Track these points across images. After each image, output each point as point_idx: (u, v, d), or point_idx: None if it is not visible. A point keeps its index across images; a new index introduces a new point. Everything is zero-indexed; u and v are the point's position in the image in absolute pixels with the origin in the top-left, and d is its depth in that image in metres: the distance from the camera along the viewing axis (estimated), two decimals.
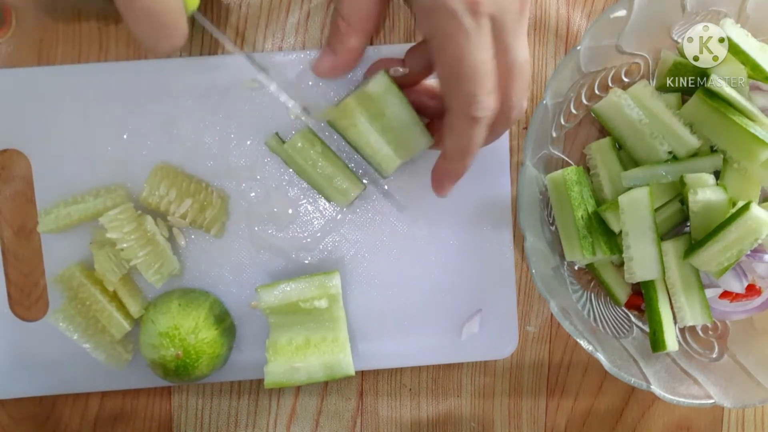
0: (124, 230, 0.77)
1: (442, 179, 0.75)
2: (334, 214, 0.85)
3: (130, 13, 0.63)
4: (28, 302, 0.84)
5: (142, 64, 0.82)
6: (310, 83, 0.83)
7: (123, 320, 0.80)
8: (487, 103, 0.64)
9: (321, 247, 0.86)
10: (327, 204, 0.85)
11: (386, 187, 0.84)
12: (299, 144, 0.80)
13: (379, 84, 0.73)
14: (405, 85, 0.76)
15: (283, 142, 0.81)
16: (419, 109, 0.76)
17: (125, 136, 0.82)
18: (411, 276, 0.86)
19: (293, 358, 0.81)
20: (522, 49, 0.66)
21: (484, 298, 0.87)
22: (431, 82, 0.78)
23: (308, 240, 0.85)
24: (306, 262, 0.85)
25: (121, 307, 0.81)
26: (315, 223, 0.85)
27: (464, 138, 0.68)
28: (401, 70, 0.75)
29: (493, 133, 0.71)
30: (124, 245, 0.77)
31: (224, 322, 0.81)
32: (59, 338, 0.80)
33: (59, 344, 0.82)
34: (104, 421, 0.87)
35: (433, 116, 0.78)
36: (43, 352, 0.84)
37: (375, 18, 0.71)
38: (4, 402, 0.85)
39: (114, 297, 0.81)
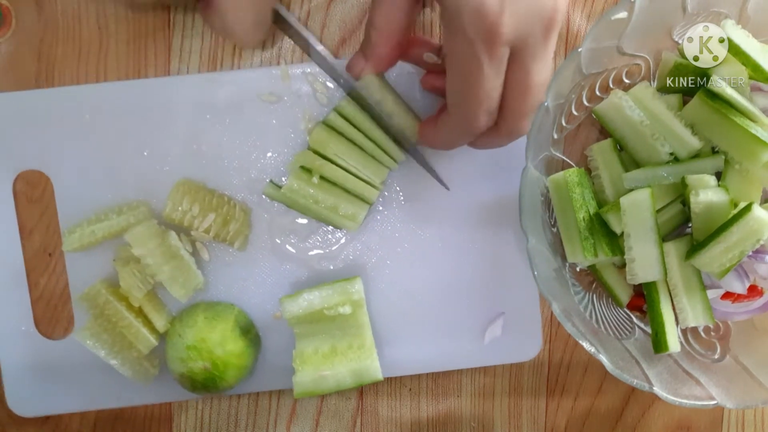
0: (149, 246, 0.78)
1: (426, 138, 0.78)
2: None
3: (232, 9, 0.71)
4: (54, 320, 0.85)
5: (160, 81, 0.83)
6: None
7: (149, 335, 0.81)
8: (483, 123, 0.68)
9: (343, 256, 0.86)
10: None
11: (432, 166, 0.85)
12: (295, 186, 0.80)
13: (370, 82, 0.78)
14: (434, 71, 0.80)
15: (280, 187, 0.82)
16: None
17: (146, 153, 0.83)
18: (433, 281, 0.87)
19: (320, 367, 0.82)
20: (540, 72, 0.66)
21: (506, 301, 0.88)
22: None
23: (330, 249, 0.86)
24: (329, 270, 0.86)
25: (147, 322, 0.82)
26: (336, 232, 0.86)
27: (454, 136, 0.73)
28: (435, 57, 0.78)
29: (489, 141, 0.74)
30: (149, 261, 0.78)
31: (249, 333, 0.82)
32: (85, 355, 0.81)
33: (85, 361, 0.83)
34: (104, 420, 0.87)
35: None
36: (70, 370, 0.84)
37: (405, 29, 0.73)
38: (3, 401, 0.85)
39: (139, 313, 0.82)
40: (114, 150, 0.82)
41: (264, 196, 0.84)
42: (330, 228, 0.86)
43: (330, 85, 0.84)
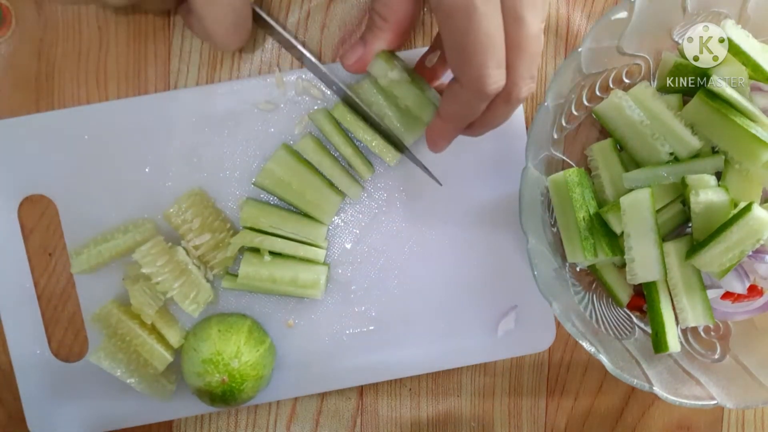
0: (158, 264, 0.78)
1: (436, 138, 0.73)
2: (362, 225, 0.86)
3: (209, 9, 0.70)
4: (69, 343, 0.85)
5: (157, 98, 0.83)
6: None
7: (164, 352, 0.81)
8: (497, 77, 0.62)
9: (350, 259, 0.86)
10: (352, 217, 0.86)
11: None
12: (249, 272, 0.81)
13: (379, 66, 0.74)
14: (439, 73, 0.79)
15: (235, 276, 0.82)
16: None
17: (147, 170, 0.83)
18: (442, 279, 0.87)
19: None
20: (534, 21, 0.61)
21: (517, 294, 0.88)
22: None
23: (338, 254, 0.86)
24: (338, 274, 0.86)
25: (161, 338, 0.82)
26: (342, 237, 0.86)
27: (466, 108, 0.66)
28: (435, 57, 0.77)
29: (494, 114, 0.68)
30: (159, 279, 0.78)
31: (264, 343, 0.81)
32: (103, 375, 0.81)
33: (103, 381, 0.83)
34: None
35: None
36: (88, 391, 0.84)
37: (409, 17, 0.70)
38: (3, 401, 0.85)
39: (153, 330, 0.82)
40: (116, 169, 0.82)
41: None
42: (336, 232, 0.86)
43: (325, 89, 0.83)
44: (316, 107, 0.83)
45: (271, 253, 0.81)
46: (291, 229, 0.82)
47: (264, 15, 0.78)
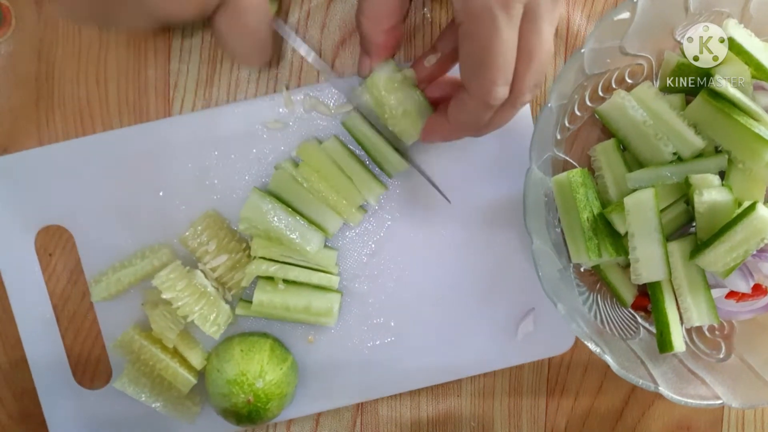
0: (177, 289, 0.78)
1: (434, 134, 0.76)
2: (376, 238, 0.86)
3: (231, 33, 0.73)
4: (92, 371, 0.85)
5: (165, 123, 0.83)
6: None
7: (187, 374, 0.81)
8: (502, 93, 0.66)
9: (367, 273, 0.86)
10: (366, 231, 0.85)
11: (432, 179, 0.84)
12: (263, 300, 0.81)
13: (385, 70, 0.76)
14: (436, 74, 0.78)
15: (249, 302, 0.82)
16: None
17: (161, 194, 0.82)
18: (462, 285, 0.87)
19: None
20: (550, 35, 0.66)
21: (535, 296, 0.87)
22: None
23: (355, 268, 0.86)
24: (354, 288, 0.86)
25: (183, 361, 0.82)
26: (358, 250, 0.86)
27: (472, 116, 0.70)
28: (434, 57, 0.76)
29: (498, 116, 0.71)
30: (180, 303, 0.78)
31: (286, 360, 0.81)
32: (128, 400, 0.81)
33: (129, 406, 0.83)
34: None
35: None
36: (115, 417, 0.84)
37: (397, 12, 0.72)
38: (3, 400, 0.85)
39: (175, 353, 0.82)
40: (129, 195, 0.82)
41: None
42: (349, 247, 0.85)
43: (332, 104, 0.83)
44: (324, 123, 0.83)
45: (285, 281, 0.81)
46: (300, 258, 0.82)
47: (285, 33, 0.79)
